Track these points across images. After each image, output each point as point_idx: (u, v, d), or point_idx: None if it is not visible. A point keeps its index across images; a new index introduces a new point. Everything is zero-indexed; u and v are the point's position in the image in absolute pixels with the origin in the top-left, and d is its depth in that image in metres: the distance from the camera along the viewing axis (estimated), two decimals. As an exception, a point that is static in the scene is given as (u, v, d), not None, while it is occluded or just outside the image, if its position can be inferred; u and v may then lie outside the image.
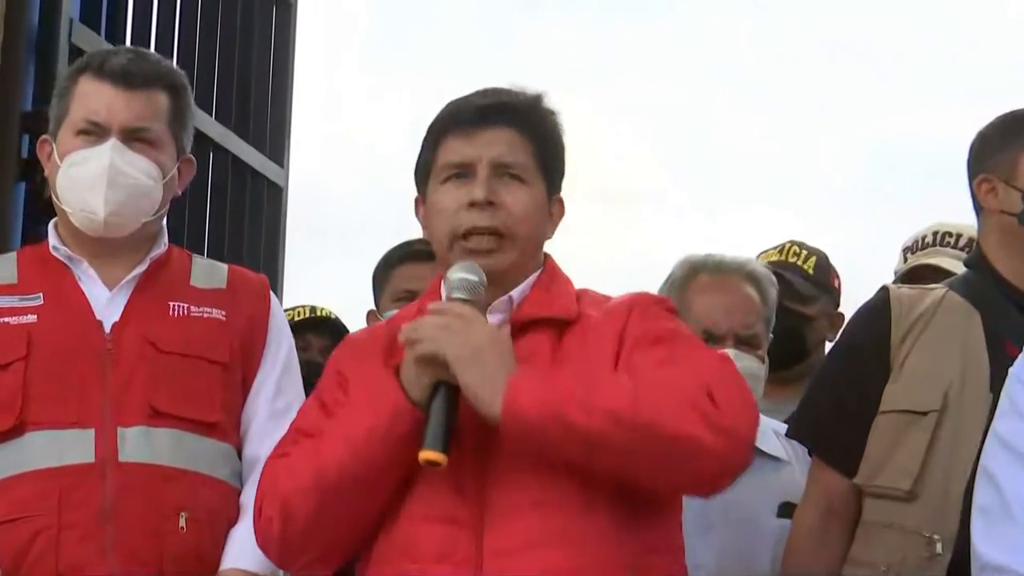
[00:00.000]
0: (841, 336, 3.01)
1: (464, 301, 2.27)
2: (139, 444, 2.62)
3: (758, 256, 3.99)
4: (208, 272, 2.86)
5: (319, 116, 10.23)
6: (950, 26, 10.87)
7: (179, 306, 2.76)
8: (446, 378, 2.19)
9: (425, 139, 2.45)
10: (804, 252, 3.99)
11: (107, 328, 2.72)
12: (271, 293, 2.90)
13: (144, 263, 2.79)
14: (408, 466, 2.21)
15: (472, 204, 2.34)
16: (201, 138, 5.78)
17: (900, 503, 2.63)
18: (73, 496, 2.58)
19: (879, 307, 2.75)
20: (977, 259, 2.79)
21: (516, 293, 2.38)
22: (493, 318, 2.35)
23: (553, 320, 2.34)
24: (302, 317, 4.67)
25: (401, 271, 3.79)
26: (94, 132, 2.71)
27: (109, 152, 2.68)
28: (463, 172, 2.38)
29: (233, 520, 2.71)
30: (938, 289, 2.77)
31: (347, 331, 4.57)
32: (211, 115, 5.97)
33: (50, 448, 2.62)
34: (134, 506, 2.60)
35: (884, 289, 2.78)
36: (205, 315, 2.77)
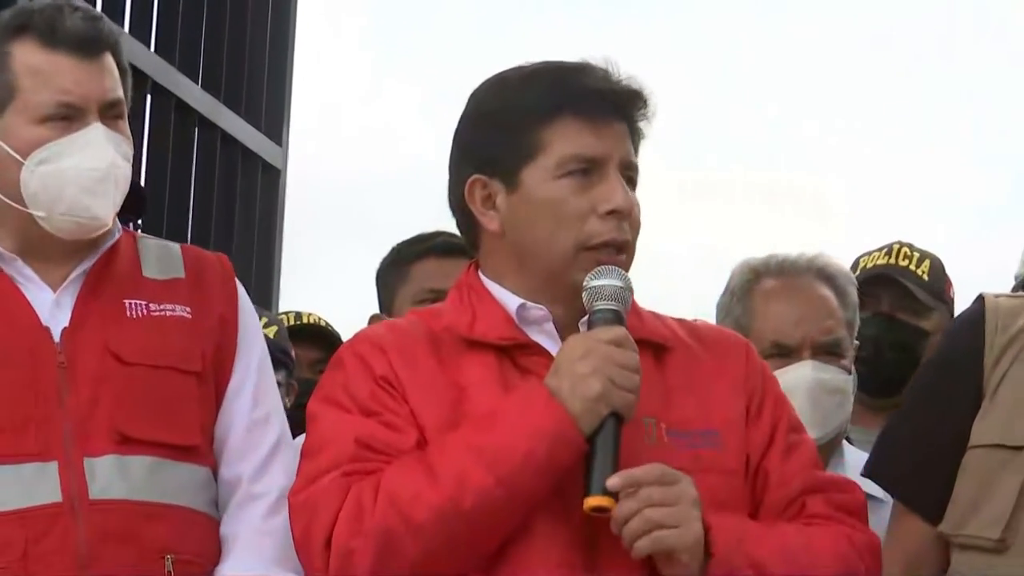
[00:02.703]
0: (929, 356, 2.91)
1: (616, 313, 2.27)
2: (111, 477, 2.50)
3: (860, 258, 3.86)
4: (160, 258, 2.70)
5: (322, 91, 10.12)
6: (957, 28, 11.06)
7: (136, 305, 2.61)
8: (620, 410, 2.21)
9: (518, 111, 2.36)
10: (916, 254, 3.83)
11: (56, 336, 2.55)
12: (236, 280, 2.75)
13: (93, 256, 2.62)
14: (542, 502, 2.23)
15: (612, 212, 2.31)
16: (185, 110, 5.85)
17: (990, 555, 2.48)
18: (42, 544, 2.46)
19: (971, 321, 2.59)
20: None
21: None
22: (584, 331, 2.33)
23: (648, 343, 2.34)
24: (286, 325, 4.41)
25: (421, 268, 3.64)
26: (68, 116, 2.55)
27: (107, 143, 2.56)
28: (590, 168, 2.33)
29: (217, 559, 2.58)
30: None
31: (341, 342, 4.28)
32: (197, 83, 5.89)
33: (7, 487, 2.48)
34: (115, 552, 2.48)
35: (979, 299, 2.61)
36: (168, 314, 2.62)
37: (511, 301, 2.36)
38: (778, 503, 2.35)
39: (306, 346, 4.32)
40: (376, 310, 3.69)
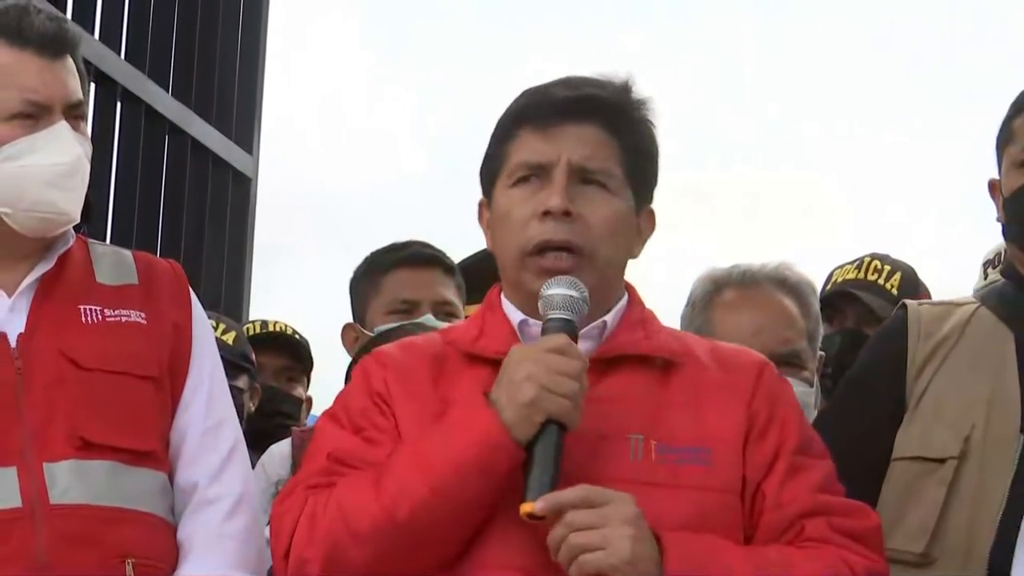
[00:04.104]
0: (853, 365, 2.82)
1: (565, 322, 2.26)
2: (71, 482, 2.51)
3: (834, 271, 3.90)
4: (113, 264, 2.72)
5: (295, 96, 10.13)
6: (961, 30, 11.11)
7: (91, 310, 2.63)
8: (557, 417, 2.19)
9: (494, 132, 2.43)
10: (887, 268, 3.86)
11: (12, 341, 2.56)
12: (188, 285, 2.77)
13: (49, 260, 2.63)
14: (490, 509, 2.22)
15: (547, 214, 2.30)
16: (155, 117, 5.89)
17: (914, 569, 2.45)
18: (2, 549, 2.45)
19: (894, 330, 2.63)
20: (1008, 268, 2.68)
21: (611, 319, 2.38)
22: (583, 345, 2.31)
23: (652, 359, 2.33)
24: (252, 333, 4.46)
25: (394, 278, 3.65)
26: (34, 115, 2.57)
27: (73, 140, 2.60)
28: (537, 174, 2.34)
29: (176, 563, 2.60)
30: (968, 304, 2.64)
31: (309, 350, 4.49)
32: (167, 90, 5.93)
33: None
34: (74, 557, 2.48)
35: (902, 307, 2.66)
36: (123, 320, 2.63)
37: (515, 316, 2.38)
38: (775, 525, 2.29)
39: (272, 354, 4.33)
40: (350, 319, 3.72)
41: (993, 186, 2.61)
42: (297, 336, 4.49)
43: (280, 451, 3.52)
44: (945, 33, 10.87)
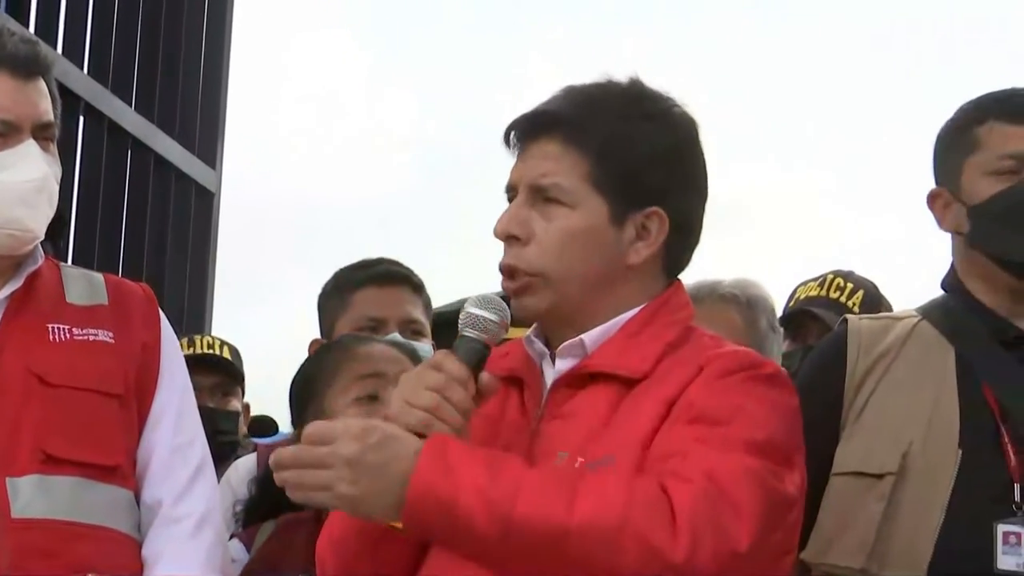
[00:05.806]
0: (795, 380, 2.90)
1: (468, 340, 2.23)
2: (34, 496, 2.55)
3: (798, 287, 3.92)
4: (84, 285, 2.78)
5: (260, 110, 10.14)
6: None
7: (59, 329, 2.68)
8: (416, 429, 2.16)
9: None
10: (849, 285, 3.88)
11: None
12: (158, 307, 2.83)
13: (18, 279, 2.69)
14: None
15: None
16: (117, 131, 5.92)
17: None
18: None
19: (834, 344, 2.66)
20: (952, 280, 2.67)
21: (590, 338, 2.31)
22: (563, 363, 2.30)
23: (613, 377, 2.26)
24: (183, 353, 4.33)
25: (363, 296, 3.62)
26: (3, 133, 2.63)
27: (41, 158, 2.64)
28: (511, 198, 2.35)
29: None
30: (909, 317, 2.67)
31: (239, 370, 4.48)
32: (130, 105, 5.95)
33: None
34: (37, 569, 2.52)
35: (843, 321, 2.69)
36: (91, 339, 2.69)
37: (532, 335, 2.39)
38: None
39: (203, 373, 4.27)
40: (317, 335, 3.71)
41: (935, 197, 2.63)
42: (225, 349, 4.49)
43: (246, 466, 3.54)
44: (945, 33, 10.96)
